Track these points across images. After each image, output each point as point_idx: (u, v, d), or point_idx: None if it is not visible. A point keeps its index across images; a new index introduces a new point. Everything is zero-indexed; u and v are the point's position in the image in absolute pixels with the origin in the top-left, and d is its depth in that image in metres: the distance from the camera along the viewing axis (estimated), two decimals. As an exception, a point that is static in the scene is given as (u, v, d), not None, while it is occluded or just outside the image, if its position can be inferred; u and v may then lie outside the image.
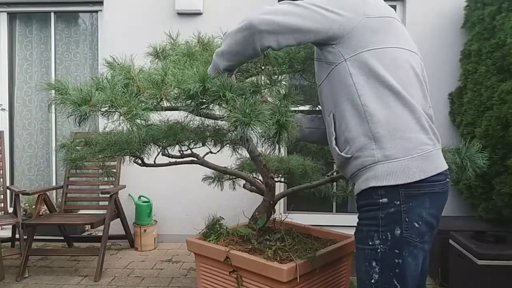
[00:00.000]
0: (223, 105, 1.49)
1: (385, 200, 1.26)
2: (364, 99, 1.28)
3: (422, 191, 1.25)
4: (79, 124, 1.52)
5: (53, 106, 1.58)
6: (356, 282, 1.39)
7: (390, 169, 1.25)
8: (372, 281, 1.29)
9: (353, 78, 1.29)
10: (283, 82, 1.76)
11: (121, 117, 1.47)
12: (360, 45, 1.27)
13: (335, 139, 1.39)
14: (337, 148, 1.38)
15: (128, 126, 1.46)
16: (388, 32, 1.30)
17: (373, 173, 1.27)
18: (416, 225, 1.25)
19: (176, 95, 1.59)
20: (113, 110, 1.51)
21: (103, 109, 1.54)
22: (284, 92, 1.69)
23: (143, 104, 1.50)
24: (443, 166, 1.33)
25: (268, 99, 1.72)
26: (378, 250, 1.27)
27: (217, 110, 1.81)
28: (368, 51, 1.27)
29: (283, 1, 1.37)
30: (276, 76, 1.70)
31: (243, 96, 1.45)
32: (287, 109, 1.49)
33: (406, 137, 1.26)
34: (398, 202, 1.25)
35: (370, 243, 1.29)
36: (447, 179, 1.34)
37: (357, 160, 1.32)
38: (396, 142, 1.25)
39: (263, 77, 1.79)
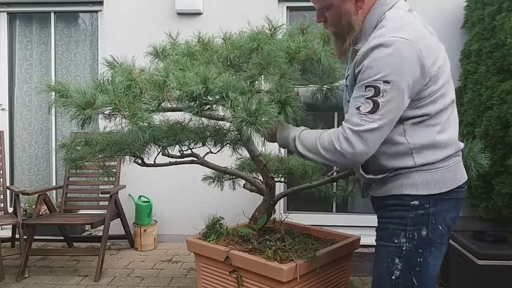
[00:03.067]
0: (227, 105, 1.49)
1: (416, 202, 1.29)
2: None
3: (449, 196, 1.31)
4: (82, 127, 1.52)
5: (53, 109, 1.58)
6: (373, 278, 1.43)
7: (426, 179, 1.29)
8: (393, 277, 1.32)
9: None
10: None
11: (125, 119, 1.47)
12: None
13: None
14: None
15: (132, 128, 1.46)
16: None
17: (409, 180, 1.30)
18: (440, 227, 1.31)
19: (178, 96, 1.59)
20: (116, 112, 1.52)
21: (106, 112, 1.55)
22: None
23: (146, 106, 1.50)
24: (466, 174, 1.40)
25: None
26: (403, 248, 1.30)
27: (220, 111, 1.81)
28: None
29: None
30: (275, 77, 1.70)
31: (247, 96, 1.45)
32: (286, 86, 1.50)
33: (445, 146, 1.29)
34: (428, 205, 1.29)
35: (396, 241, 1.31)
36: (466, 186, 1.40)
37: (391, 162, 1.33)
38: (435, 151, 1.28)
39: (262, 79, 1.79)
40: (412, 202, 1.30)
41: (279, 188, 2.84)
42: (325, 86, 1.77)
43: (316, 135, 1.35)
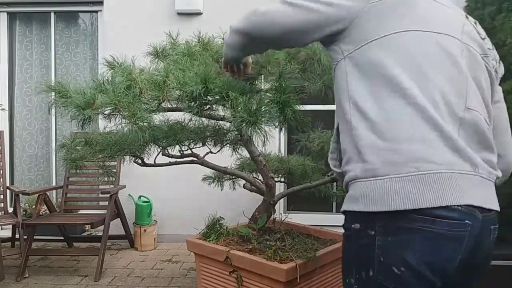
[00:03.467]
0: (227, 105, 1.49)
1: (356, 226, 0.94)
2: (354, 100, 0.98)
3: (410, 226, 0.87)
4: (82, 127, 1.52)
5: (53, 109, 1.58)
6: None
7: (366, 189, 0.92)
8: None
9: (347, 77, 1.00)
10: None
11: (124, 119, 1.47)
12: (361, 38, 0.98)
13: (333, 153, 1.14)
14: (332, 162, 1.14)
15: (131, 128, 1.47)
16: (399, 14, 0.96)
17: (351, 192, 0.98)
18: (396, 270, 0.88)
19: (178, 96, 1.59)
20: (116, 112, 1.52)
21: (106, 112, 1.55)
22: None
23: (145, 106, 1.51)
24: (463, 199, 0.88)
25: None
26: None
27: (220, 111, 1.81)
28: (370, 43, 0.96)
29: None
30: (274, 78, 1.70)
31: (247, 95, 1.46)
32: (286, 86, 1.50)
33: (396, 147, 0.90)
34: (373, 232, 0.90)
35: (347, 280, 0.99)
36: (469, 221, 0.88)
37: (346, 174, 1.03)
38: (380, 153, 0.91)
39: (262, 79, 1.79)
40: (353, 226, 0.95)
41: (279, 188, 2.84)
42: None
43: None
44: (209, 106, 1.63)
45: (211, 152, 2.28)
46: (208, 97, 1.54)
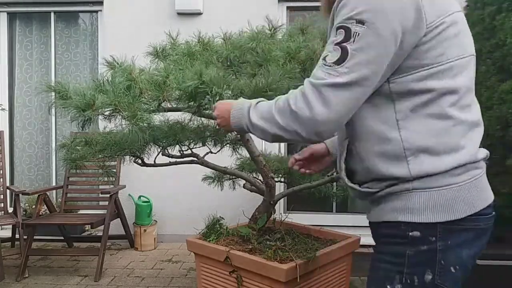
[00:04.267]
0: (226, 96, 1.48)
1: (416, 234, 0.92)
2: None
3: (465, 226, 0.93)
4: (82, 128, 1.52)
5: (53, 109, 1.58)
6: None
7: (429, 201, 0.92)
8: None
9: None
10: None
11: (124, 120, 1.47)
12: None
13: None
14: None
15: (131, 128, 1.47)
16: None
17: (404, 203, 0.94)
18: (452, 270, 0.94)
19: (177, 96, 1.59)
20: (116, 113, 1.52)
21: (106, 113, 1.55)
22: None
23: (145, 106, 1.51)
24: (491, 195, 1.01)
25: None
26: None
27: None
28: None
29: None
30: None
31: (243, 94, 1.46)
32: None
33: (454, 155, 0.92)
34: (434, 239, 0.92)
35: (388, 287, 0.95)
36: (493, 212, 1.02)
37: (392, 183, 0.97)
38: (441, 160, 0.91)
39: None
40: (410, 234, 0.92)
41: (279, 188, 2.84)
42: None
43: (276, 99, 1.00)
44: (207, 105, 1.63)
45: (211, 152, 2.28)
46: (207, 97, 1.54)
